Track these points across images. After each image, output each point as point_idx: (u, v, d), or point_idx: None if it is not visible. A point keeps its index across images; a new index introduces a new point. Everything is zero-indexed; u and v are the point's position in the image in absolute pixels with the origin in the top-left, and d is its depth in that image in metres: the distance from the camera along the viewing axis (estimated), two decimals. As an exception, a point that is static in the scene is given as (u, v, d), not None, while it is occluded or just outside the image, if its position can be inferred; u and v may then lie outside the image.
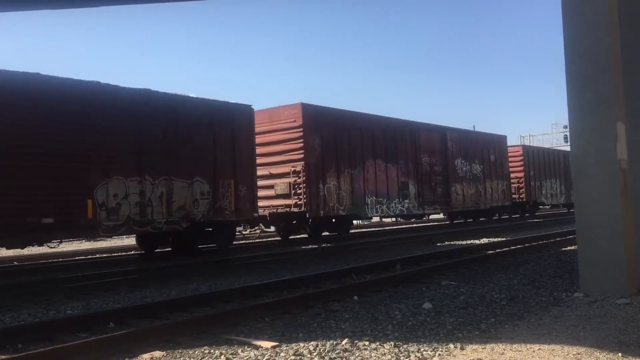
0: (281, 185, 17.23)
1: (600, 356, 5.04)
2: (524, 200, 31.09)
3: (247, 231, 17.96)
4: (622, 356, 5.03)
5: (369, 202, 19.44)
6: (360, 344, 5.63)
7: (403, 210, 21.19)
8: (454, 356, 5.18)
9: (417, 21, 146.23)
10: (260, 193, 16.47)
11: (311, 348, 5.52)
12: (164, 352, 5.58)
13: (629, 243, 7.61)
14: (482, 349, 5.37)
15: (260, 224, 17.64)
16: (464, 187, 25.24)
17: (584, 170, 7.81)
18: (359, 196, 19.01)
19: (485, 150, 27.25)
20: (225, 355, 5.39)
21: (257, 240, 19.69)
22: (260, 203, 16.30)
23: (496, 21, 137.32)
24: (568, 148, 30.06)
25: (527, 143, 49.74)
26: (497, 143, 28.54)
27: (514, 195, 30.17)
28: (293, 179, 17.07)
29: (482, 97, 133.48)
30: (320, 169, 17.57)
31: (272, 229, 19.07)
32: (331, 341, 5.74)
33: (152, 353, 5.54)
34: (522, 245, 15.29)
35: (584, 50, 7.81)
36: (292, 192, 17.04)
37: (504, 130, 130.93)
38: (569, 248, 14.14)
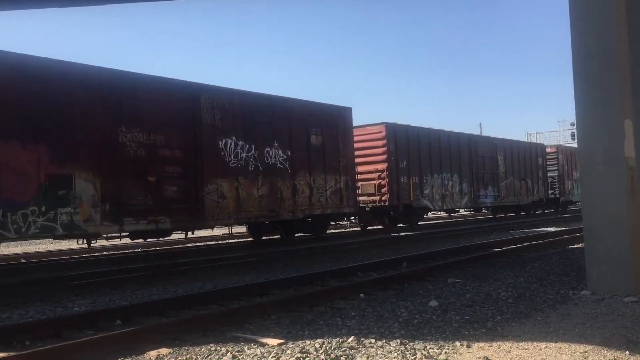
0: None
1: (608, 354, 5.02)
2: (388, 203, 20.60)
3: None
4: (629, 354, 5.01)
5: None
6: (367, 341, 5.63)
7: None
8: (461, 354, 5.17)
9: (422, 19, 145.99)
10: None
11: (317, 345, 5.52)
12: (171, 349, 5.60)
13: (637, 241, 7.57)
14: (489, 347, 5.36)
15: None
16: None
17: (591, 168, 7.78)
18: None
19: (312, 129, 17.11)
20: (231, 353, 5.40)
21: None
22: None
23: (503, 17, 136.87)
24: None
25: (533, 141, 49.08)
26: (327, 118, 17.48)
27: (371, 197, 20.68)
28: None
29: (488, 95, 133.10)
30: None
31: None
32: (337, 339, 5.74)
33: (158, 350, 5.56)
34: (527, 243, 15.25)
35: (591, 46, 7.77)
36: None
37: (510, 128, 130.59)
38: (576, 246, 14.09)
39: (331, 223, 18.20)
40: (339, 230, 20.65)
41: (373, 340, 5.66)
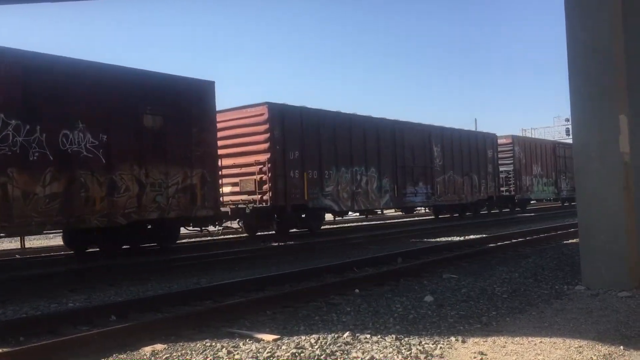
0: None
1: (602, 349, 5.04)
2: (270, 203, 16.38)
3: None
4: (623, 349, 5.03)
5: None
6: (362, 337, 5.63)
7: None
8: (456, 349, 5.18)
9: (416, 15, 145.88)
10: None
11: (312, 341, 5.52)
12: (166, 345, 5.59)
13: (631, 236, 7.60)
14: (484, 342, 5.37)
15: None
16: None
17: (586, 163, 7.80)
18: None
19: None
20: (226, 348, 5.39)
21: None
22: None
23: (497, 13, 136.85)
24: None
25: (528, 136, 48.96)
26: (173, 94, 13.57)
27: (251, 196, 16.49)
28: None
29: (483, 91, 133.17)
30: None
31: None
32: (332, 334, 5.75)
33: (154, 346, 5.55)
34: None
35: (586, 41, 7.78)
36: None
37: (505, 123, 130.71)
38: (570, 241, 14.13)
39: (197, 228, 14.44)
40: (212, 238, 17.20)
41: (368, 336, 5.66)
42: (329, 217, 20.51)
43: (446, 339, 5.50)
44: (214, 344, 5.60)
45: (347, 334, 5.72)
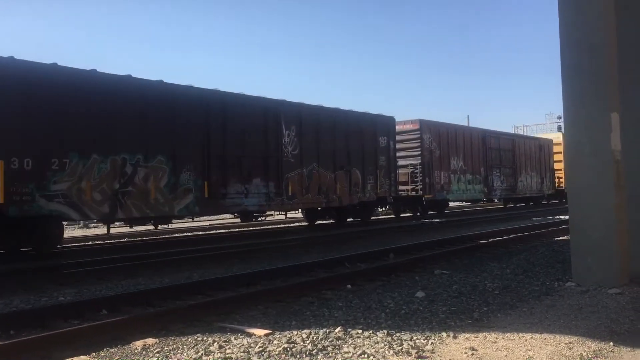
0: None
1: (592, 345, 5.07)
2: None
3: None
4: (613, 345, 5.07)
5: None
6: (354, 332, 5.64)
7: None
8: (447, 345, 5.20)
9: (409, 13, 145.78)
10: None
11: (304, 336, 5.52)
12: (157, 339, 5.58)
13: (622, 233, 7.65)
14: (475, 337, 5.39)
15: None
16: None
17: (578, 161, 7.83)
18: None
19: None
20: (218, 343, 5.39)
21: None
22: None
23: (489, 10, 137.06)
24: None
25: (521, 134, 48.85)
26: None
27: None
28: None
29: (475, 89, 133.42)
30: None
31: None
32: (324, 329, 5.75)
33: (145, 340, 5.53)
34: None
35: (579, 39, 7.80)
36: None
37: (497, 121, 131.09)
38: (561, 238, 14.20)
39: None
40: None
41: (360, 331, 5.67)
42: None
43: (437, 335, 5.51)
44: (205, 338, 5.59)
45: (338, 329, 5.72)
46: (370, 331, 5.66)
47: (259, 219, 18.93)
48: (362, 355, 4.91)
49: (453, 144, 25.13)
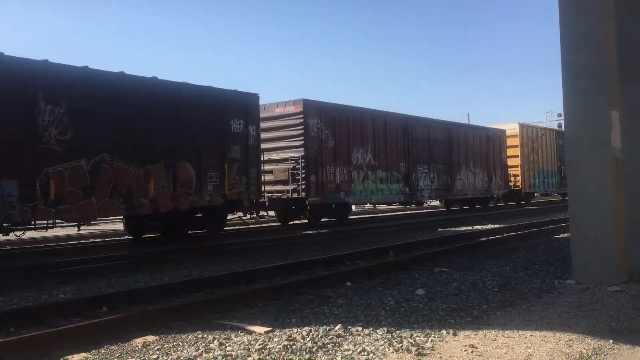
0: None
1: (592, 342, 5.07)
2: None
3: None
4: (612, 342, 5.07)
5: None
6: (354, 329, 5.65)
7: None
8: (447, 342, 5.21)
9: (410, 9, 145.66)
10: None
11: (304, 333, 5.53)
12: (157, 337, 5.58)
13: (621, 231, 7.65)
14: (475, 335, 5.39)
15: None
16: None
17: (578, 159, 7.83)
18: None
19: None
20: (218, 340, 5.39)
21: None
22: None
23: (491, 8, 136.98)
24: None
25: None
26: None
27: None
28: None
29: (476, 86, 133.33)
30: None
31: None
32: (324, 327, 5.75)
33: (145, 338, 5.53)
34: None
35: (579, 37, 7.80)
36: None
37: (498, 118, 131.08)
38: (561, 236, 14.21)
39: None
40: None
41: (360, 328, 5.67)
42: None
43: (437, 332, 5.52)
44: (205, 335, 5.60)
45: (338, 326, 5.73)
46: (370, 329, 5.67)
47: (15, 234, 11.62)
48: (362, 353, 4.92)
49: (357, 133, 19.27)
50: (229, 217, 16.11)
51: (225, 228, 15.97)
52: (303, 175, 17.26)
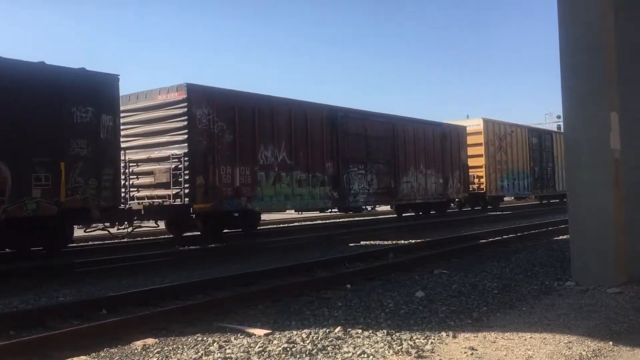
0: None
1: (591, 344, 5.07)
2: None
3: None
4: (612, 344, 5.07)
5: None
6: (353, 331, 5.64)
7: None
8: (447, 344, 5.20)
9: (410, 10, 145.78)
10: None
11: (304, 336, 5.52)
12: (157, 339, 5.58)
13: (621, 232, 7.66)
14: (475, 337, 5.39)
15: None
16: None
17: (577, 160, 7.84)
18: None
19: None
20: (218, 343, 5.39)
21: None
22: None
23: (491, 10, 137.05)
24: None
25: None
26: None
27: None
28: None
29: (475, 87, 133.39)
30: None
31: None
32: (324, 329, 5.75)
33: (144, 340, 5.53)
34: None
35: (578, 39, 7.81)
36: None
37: (497, 118, 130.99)
38: (560, 237, 14.21)
39: None
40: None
41: (360, 331, 5.67)
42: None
43: (437, 334, 5.52)
44: (205, 338, 5.60)
45: (338, 328, 5.73)
46: (370, 331, 5.67)
47: None
48: (362, 355, 4.92)
49: (266, 126, 15.46)
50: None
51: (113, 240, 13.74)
52: (186, 177, 13.50)
